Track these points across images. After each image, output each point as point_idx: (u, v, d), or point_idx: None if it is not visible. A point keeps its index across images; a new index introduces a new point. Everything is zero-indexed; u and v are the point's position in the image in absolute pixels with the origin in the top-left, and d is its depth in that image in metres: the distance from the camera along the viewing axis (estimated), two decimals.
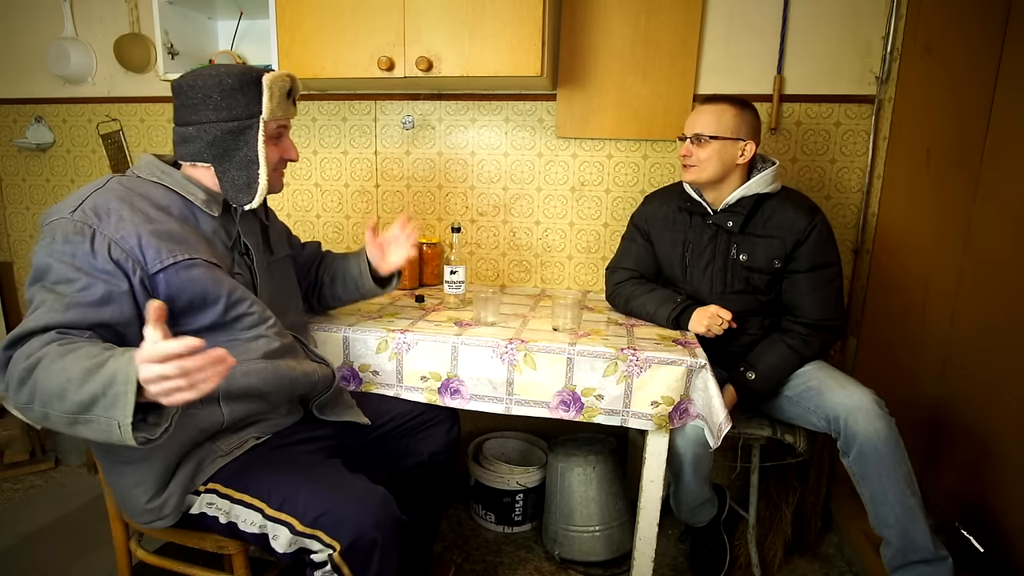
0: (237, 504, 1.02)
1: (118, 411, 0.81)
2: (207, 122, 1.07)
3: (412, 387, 1.44)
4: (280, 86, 1.10)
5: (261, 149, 1.09)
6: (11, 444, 2.17)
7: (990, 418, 1.38)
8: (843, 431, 1.33)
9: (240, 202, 1.11)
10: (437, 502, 1.44)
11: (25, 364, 0.85)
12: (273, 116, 1.10)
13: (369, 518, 0.99)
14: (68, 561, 1.67)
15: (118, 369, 0.82)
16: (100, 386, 0.82)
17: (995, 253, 1.38)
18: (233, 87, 1.06)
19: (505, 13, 1.56)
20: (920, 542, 1.28)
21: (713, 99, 1.48)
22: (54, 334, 0.88)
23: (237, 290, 1.07)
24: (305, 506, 0.99)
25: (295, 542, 0.99)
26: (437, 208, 2.05)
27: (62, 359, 0.84)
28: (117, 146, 2.19)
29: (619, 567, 1.71)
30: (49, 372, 0.84)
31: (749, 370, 1.46)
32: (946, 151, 1.54)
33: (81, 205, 0.97)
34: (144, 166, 1.10)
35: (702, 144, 1.45)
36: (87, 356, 0.84)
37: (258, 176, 1.10)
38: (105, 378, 0.82)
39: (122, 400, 0.81)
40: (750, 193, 1.46)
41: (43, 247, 0.95)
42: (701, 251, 1.54)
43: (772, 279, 1.48)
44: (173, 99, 1.10)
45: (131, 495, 1.04)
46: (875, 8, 1.71)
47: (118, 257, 0.95)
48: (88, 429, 0.85)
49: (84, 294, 0.92)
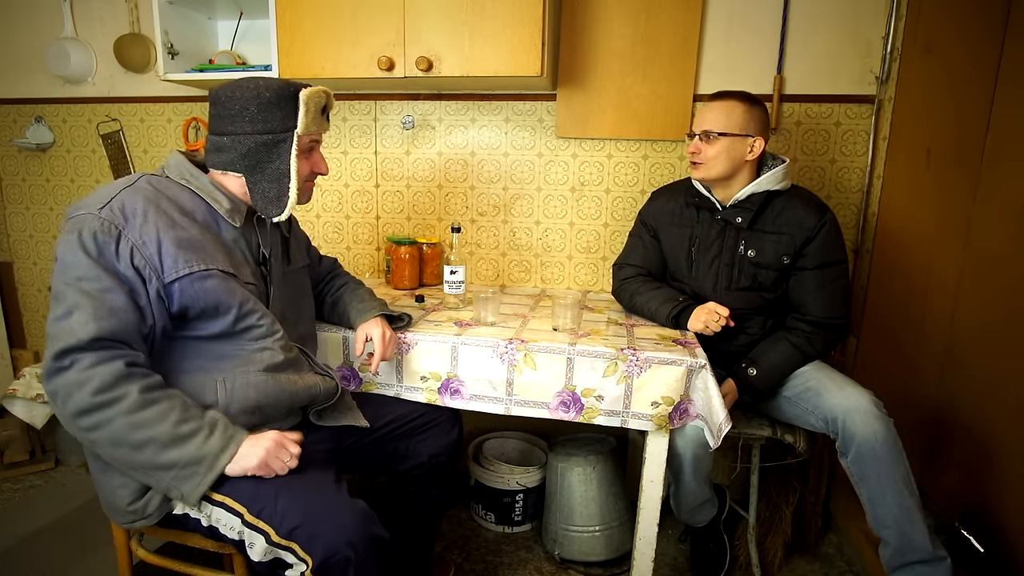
0: (218, 507, 1.01)
1: (188, 486, 0.96)
2: (242, 133, 1.08)
3: (412, 387, 1.44)
4: (316, 101, 1.12)
5: (294, 163, 1.11)
6: (11, 444, 2.17)
7: (990, 418, 1.38)
8: (841, 432, 1.33)
9: (269, 214, 1.13)
10: (438, 503, 1.44)
11: (96, 398, 0.92)
12: (307, 131, 1.11)
13: (343, 535, 0.95)
14: (68, 561, 1.67)
15: (207, 454, 0.96)
16: (183, 459, 0.95)
17: (995, 253, 1.38)
18: (271, 101, 1.08)
19: (505, 13, 1.56)
20: (918, 542, 1.28)
21: (722, 95, 1.47)
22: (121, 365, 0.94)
23: (249, 301, 1.08)
24: (282, 515, 0.97)
25: (270, 552, 0.97)
26: (437, 208, 2.05)
27: (143, 410, 0.94)
28: (117, 146, 2.19)
29: (619, 567, 1.71)
30: (130, 422, 0.93)
31: (751, 366, 1.46)
32: (946, 151, 1.53)
33: (110, 203, 0.99)
34: (174, 166, 1.11)
35: (711, 141, 1.45)
36: (174, 421, 0.95)
37: (288, 189, 1.12)
38: (191, 455, 0.95)
39: (197, 480, 0.96)
40: (760, 190, 1.46)
41: (70, 241, 0.96)
42: (708, 246, 1.54)
43: (779, 276, 1.48)
44: (210, 108, 1.12)
45: (115, 495, 1.04)
46: (875, 8, 1.71)
47: (139, 264, 0.97)
48: (147, 478, 0.98)
49: (112, 297, 0.95)
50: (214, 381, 1.05)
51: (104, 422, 0.92)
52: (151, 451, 0.93)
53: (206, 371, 1.05)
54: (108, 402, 0.92)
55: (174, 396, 0.98)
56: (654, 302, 1.54)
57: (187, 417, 0.96)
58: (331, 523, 0.97)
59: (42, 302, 2.41)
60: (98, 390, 0.91)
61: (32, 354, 2.43)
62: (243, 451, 1.00)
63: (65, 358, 0.92)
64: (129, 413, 0.92)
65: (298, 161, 1.11)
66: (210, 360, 1.06)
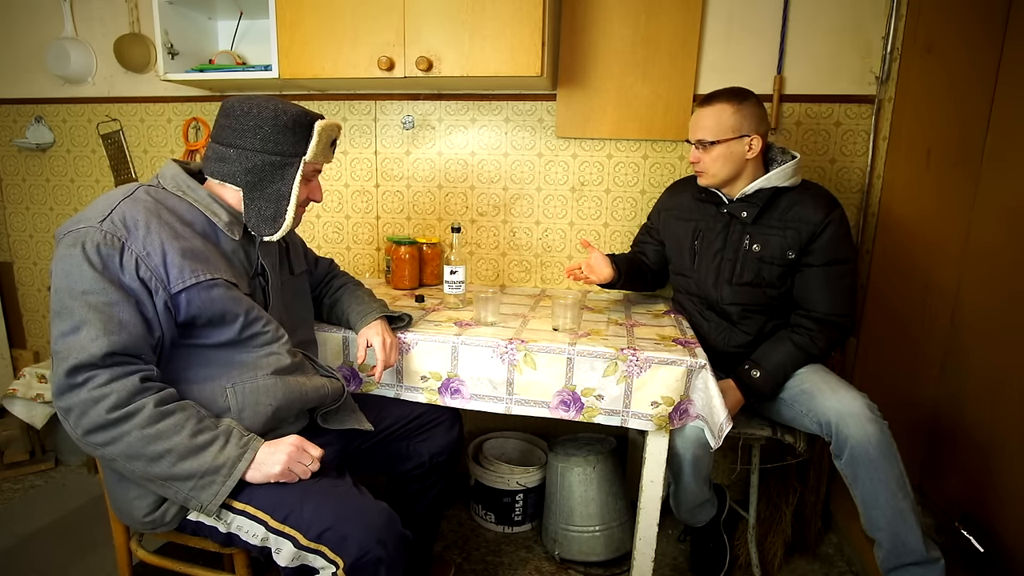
0: (240, 515, 1.02)
1: (207, 496, 0.96)
2: (251, 149, 1.08)
3: (412, 387, 1.44)
4: (328, 134, 1.14)
5: (295, 187, 1.12)
6: (11, 444, 2.17)
7: (990, 418, 1.38)
8: (835, 435, 1.32)
9: (262, 232, 1.13)
10: (438, 503, 1.44)
11: (112, 415, 0.91)
12: (315, 159, 1.13)
13: (374, 534, 0.98)
14: (68, 561, 1.67)
15: (224, 463, 0.97)
16: (200, 469, 0.95)
17: (995, 253, 1.37)
18: (287, 125, 1.08)
19: (505, 13, 1.56)
20: (912, 544, 1.28)
21: (709, 99, 1.46)
22: (136, 380, 0.94)
23: (254, 309, 1.09)
24: (310, 520, 0.99)
25: (298, 556, 0.99)
26: (437, 208, 2.05)
27: (158, 423, 0.94)
28: (117, 146, 2.19)
29: (619, 567, 1.71)
30: (145, 435, 0.93)
31: (754, 368, 1.45)
32: (946, 151, 1.53)
33: (110, 215, 0.97)
34: (170, 177, 1.09)
35: (707, 149, 1.45)
36: (190, 432, 0.95)
37: (286, 211, 1.12)
38: (208, 465, 0.96)
39: (215, 489, 0.96)
40: (769, 185, 1.45)
41: (72, 255, 0.94)
42: (712, 239, 1.54)
43: (784, 272, 1.47)
44: (220, 117, 1.10)
45: (131, 506, 1.05)
46: (875, 8, 1.71)
47: (144, 276, 0.97)
48: (164, 490, 0.98)
49: (120, 310, 0.94)
50: (223, 388, 1.05)
51: (119, 437, 0.92)
52: (167, 463, 0.94)
53: (214, 379, 1.05)
54: (124, 417, 0.92)
55: (188, 407, 0.98)
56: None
57: (202, 428, 0.97)
58: (361, 524, 0.99)
59: (42, 302, 2.41)
60: (114, 406, 0.91)
61: (32, 354, 2.43)
62: (262, 458, 1.00)
63: (78, 375, 0.91)
64: (144, 427, 0.92)
65: (299, 187, 1.12)
66: (218, 367, 1.06)
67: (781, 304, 1.51)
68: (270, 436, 1.13)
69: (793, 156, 1.47)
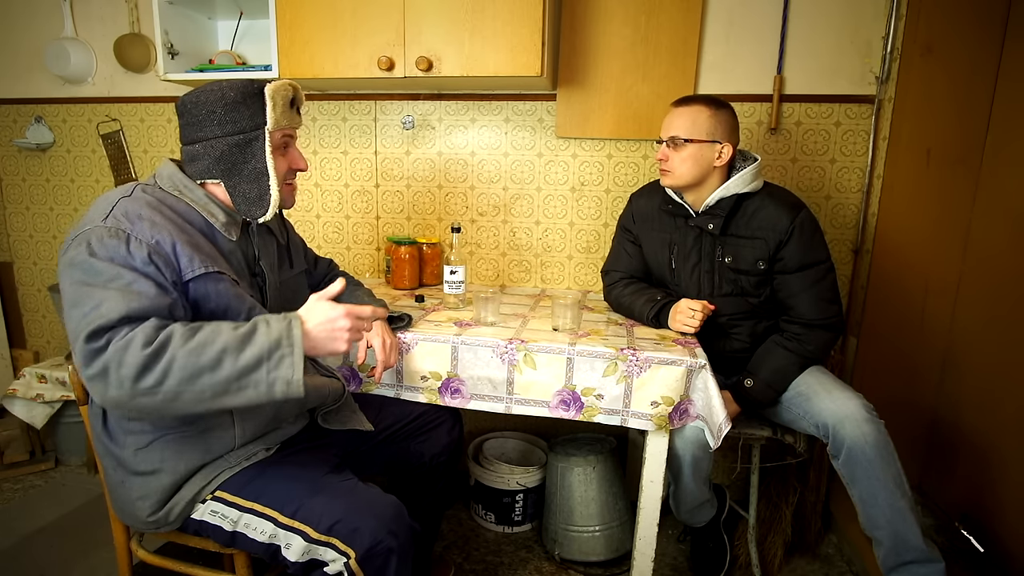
0: (247, 513, 1.02)
1: (285, 371, 0.91)
2: (213, 138, 1.06)
3: (412, 387, 1.44)
4: (283, 95, 1.09)
5: (269, 160, 1.08)
6: (11, 444, 2.17)
7: (990, 418, 1.38)
8: (832, 437, 1.33)
9: (253, 215, 1.11)
10: (438, 502, 1.44)
11: (147, 350, 0.86)
12: (278, 126, 1.09)
13: (385, 525, 0.99)
14: (68, 561, 1.67)
15: (280, 335, 0.92)
16: (263, 350, 0.91)
17: (995, 253, 1.38)
18: (236, 100, 1.05)
19: (505, 13, 1.56)
20: (912, 542, 1.28)
21: (686, 100, 1.46)
22: (153, 322, 0.89)
23: (256, 308, 1.08)
24: (320, 514, 0.99)
25: (309, 551, 0.99)
26: (437, 208, 2.05)
27: (197, 335, 0.90)
28: (117, 146, 2.19)
29: (619, 567, 1.71)
30: (191, 349, 0.88)
31: (747, 378, 1.46)
32: (946, 151, 1.53)
33: (112, 211, 0.97)
34: (166, 177, 1.08)
35: (678, 147, 1.44)
36: (228, 328, 0.92)
37: (269, 187, 1.10)
38: (266, 344, 0.91)
39: (290, 361, 0.92)
40: (728, 194, 1.44)
41: (79, 254, 0.93)
42: (687, 254, 1.53)
43: (759, 280, 1.47)
44: (179, 119, 1.09)
45: (134, 507, 1.05)
46: (875, 8, 1.71)
47: (157, 262, 0.95)
48: (241, 396, 0.92)
49: (139, 285, 0.92)
50: None
51: (168, 365, 0.87)
52: (230, 362, 0.89)
53: None
54: (160, 347, 0.87)
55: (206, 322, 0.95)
56: (636, 304, 1.55)
57: (235, 325, 0.94)
58: (372, 515, 1.00)
59: (42, 302, 2.41)
60: (145, 343, 0.87)
61: (32, 354, 2.43)
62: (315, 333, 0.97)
63: (99, 338, 0.87)
64: (185, 343, 0.88)
65: (274, 158, 1.09)
66: None
67: (767, 307, 1.51)
68: (270, 436, 1.13)
69: (755, 159, 1.46)
